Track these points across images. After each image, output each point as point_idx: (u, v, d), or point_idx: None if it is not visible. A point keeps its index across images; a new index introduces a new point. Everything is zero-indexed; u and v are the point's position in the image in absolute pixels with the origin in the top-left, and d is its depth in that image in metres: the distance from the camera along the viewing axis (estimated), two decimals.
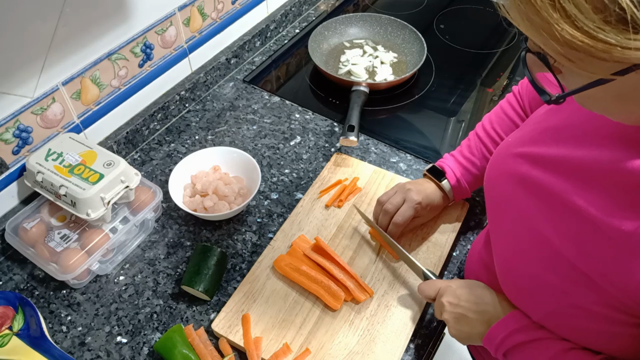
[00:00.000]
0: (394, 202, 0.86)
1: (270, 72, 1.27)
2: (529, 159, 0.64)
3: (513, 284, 0.66)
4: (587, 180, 0.56)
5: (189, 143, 1.10)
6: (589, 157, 0.57)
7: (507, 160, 0.68)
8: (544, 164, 0.62)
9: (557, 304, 0.59)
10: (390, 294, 0.84)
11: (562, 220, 0.58)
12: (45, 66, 0.85)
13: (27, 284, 0.87)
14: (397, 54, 1.29)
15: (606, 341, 0.58)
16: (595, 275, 0.54)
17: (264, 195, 1.00)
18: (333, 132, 1.12)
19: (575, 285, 0.56)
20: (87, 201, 0.82)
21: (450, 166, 0.89)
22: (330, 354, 0.77)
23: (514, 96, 0.88)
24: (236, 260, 0.90)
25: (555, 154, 0.61)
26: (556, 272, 0.58)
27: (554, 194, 0.60)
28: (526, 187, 0.64)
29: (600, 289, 0.54)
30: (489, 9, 1.45)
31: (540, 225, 0.60)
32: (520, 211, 0.64)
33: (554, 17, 0.41)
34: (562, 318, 0.60)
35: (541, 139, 0.65)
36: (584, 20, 0.40)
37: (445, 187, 0.89)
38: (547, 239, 0.59)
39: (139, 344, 0.80)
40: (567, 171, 0.59)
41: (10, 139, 0.85)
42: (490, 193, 0.72)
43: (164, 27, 1.04)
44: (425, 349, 0.80)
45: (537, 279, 0.61)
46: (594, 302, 0.55)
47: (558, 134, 0.63)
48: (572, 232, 0.57)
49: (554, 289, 0.59)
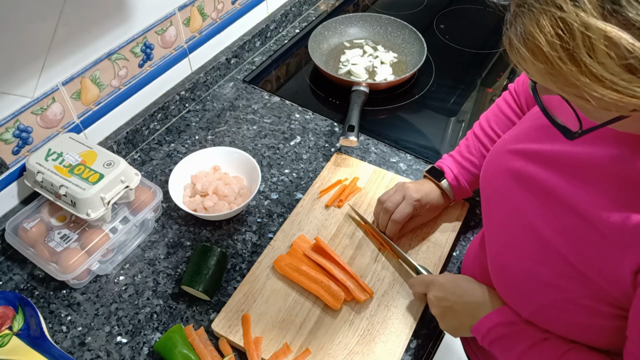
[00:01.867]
0: (394, 200, 0.87)
1: (270, 72, 1.27)
2: (524, 155, 0.65)
3: (505, 279, 0.67)
4: (581, 175, 0.57)
5: (189, 143, 1.10)
6: (584, 153, 0.58)
7: (502, 157, 0.69)
8: (539, 159, 0.63)
9: (548, 298, 0.60)
10: (390, 294, 0.84)
11: (554, 214, 0.59)
12: (45, 66, 0.85)
13: (27, 284, 0.87)
14: (397, 54, 1.29)
15: (591, 334, 0.60)
16: (586, 269, 0.55)
17: (264, 195, 1.00)
18: (333, 132, 1.12)
19: (566, 279, 0.57)
20: (87, 201, 0.82)
21: (449, 166, 0.89)
22: (330, 354, 0.77)
23: (510, 94, 0.88)
24: (236, 260, 0.90)
25: (549, 150, 0.62)
26: (548, 266, 0.59)
27: (547, 188, 0.61)
28: (520, 182, 0.64)
29: (590, 282, 0.55)
30: (489, 9, 1.45)
31: (533, 220, 0.61)
32: (513, 206, 0.65)
33: (581, 81, 0.41)
34: (552, 312, 0.61)
35: (537, 136, 0.65)
36: (614, 80, 0.40)
37: (444, 187, 0.89)
38: (539, 233, 0.60)
39: (139, 344, 0.80)
40: (561, 167, 0.60)
41: (10, 139, 0.85)
42: (486, 189, 0.73)
43: (164, 27, 1.04)
44: (425, 349, 0.80)
45: (528, 273, 0.62)
46: (584, 295, 0.56)
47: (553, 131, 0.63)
48: (564, 226, 0.58)
49: (545, 283, 0.60)
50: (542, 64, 0.43)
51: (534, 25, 0.42)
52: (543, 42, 0.42)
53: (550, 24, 0.41)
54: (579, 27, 0.39)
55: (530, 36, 0.42)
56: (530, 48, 0.43)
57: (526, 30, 0.43)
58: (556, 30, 0.41)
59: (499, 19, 1.41)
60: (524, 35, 0.43)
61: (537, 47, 0.42)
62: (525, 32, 0.43)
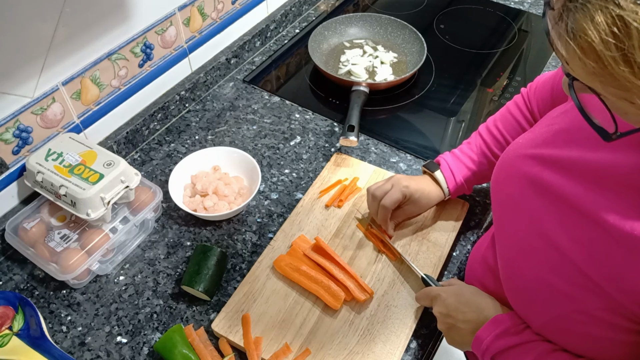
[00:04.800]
0: (383, 188, 0.87)
1: (270, 72, 1.27)
2: (541, 161, 0.63)
3: (517, 287, 0.65)
4: (600, 183, 0.56)
5: (189, 143, 1.10)
6: (604, 160, 0.56)
7: (516, 162, 0.67)
8: (555, 165, 0.61)
9: (561, 309, 0.58)
10: (390, 294, 0.84)
11: (570, 222, 0.57)
12: (45, 66, 0.85)
13: (27, 284, 0.87)
14: (397, 54, 1.29)
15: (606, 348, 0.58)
16: (602, 281, 0.53)
17: (264, 195, 1.00)
18: (333, 132, 1.12)
19: (580, 289, 0.56)
20: (87, 201, 0.82)
21: (446, 159, 0.89)
22: (330, 354, 0.77)
23: (521, 98, 0.87)
24: (236, 260, 0.90)
25: (567, 156, 0.60)
26: (562, 276, 0.57)
27: (563, 195, 0.59)
28: (536, 188, 0.63)
29: (605, 295, 0.53)
30: (489, 9, 1.45)
31: (548, 228, 0.60)
32: (527, 212, 0.63)
33: (632, 83, 0.40)
34: (564, 323, 0.59)
35: (553, 141, 0.63)
36: None
37: (438, 178, 0.88)
38: (554, 242, 0.58)
39: (139, 344, 0.80)
40: (579, 174, 0.58)
41: (10, 139, 0.85)
42: (498, 194, 0.71)
43: (164, 27, 1.04)
44: (425, 349, 0.80)
45: (541, 282, 0.60)
46: (599, 307, 0.55)
47: (571, 136, 0.62)
48: (579, 234, 0.56)
49: (558, 292, 0.58)
50: (592, 62, 0.41)
51: (588, 21, 0.40)
52: (596, 40, 0.40)
53: (605, 21, 0.39)
54: (637, 27, 0.38)
55: (583, 33, 0.40)
56: (581, 45, 0.41)
57: (578, 27, 0.41)
58: (612, 28, 0.39)
59: (499, 19, 1.42)
60: (575, 31, 0.41)
61: (588, 44, 0.40)
62: (577, 28, 0.41)
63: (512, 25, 1.39)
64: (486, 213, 0.97)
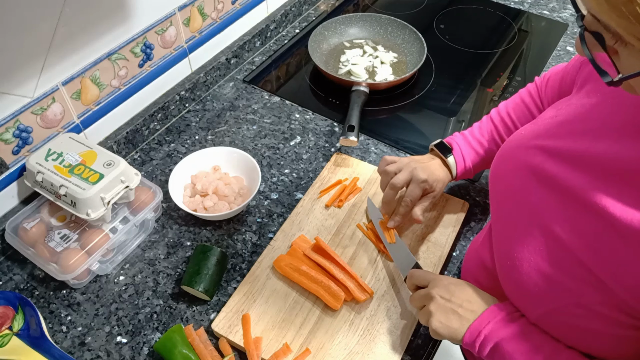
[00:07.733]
0: (402, 178, 0.85)
1: (270, 72, 1.27)
2: (544, 151, 0.62)
3: (514, 279, 0.64)
4: (606, 175, 0.55)
5: (189, 143, 1.10)
6: (609, 152, 0.55)
7: (519, 152, 0.66)
8: (559, 156, 0.60)
9: (559, 301, 0.58)
10: (390, 294, 0.84)
11: (573, 215, 0.56)
12: (45, 66, 0.85)
13: (27, 284, 0.87)
14: (397, 54, 1.29)
15: (603, 343, 0.57)
16: (603, 275, 0.53)
17: (264, 195, 1.00)
18: (333, 132, 1.12)
19: (580, 283, 0.55)
20: (87, 201, 0.82)
21: (459, 143, 0.89)
22: (330, 354, 0.77)
23: (535, 86, 0.87)
24: (236, 260, 0.90)
25: (571, 147, 0.59)
26: (562, 269, 0.57)
27: (567, 187, 0.58)
28: (539, 179, 0.62)
29: (606, 289, 0.53)
30: (489, 9, 1.45)
31: (549, 219, 0.59)
32: (528, 203, 0.63)
33: None
34: (562, 317, 0.59)
35: (558, 132, 0.63)
36: None
37: (450, 163, 0.88)
38: (554, 233, 0.58)
39: (139, 344, 0.80)
40: (584, 165, 0.57)
41: (10, 139, 0.85)
42: (497, 185, 0.70)
43: (164, 27, 1.04)
44: (425, 349, 0.80)
45: (540, 275, 0.59)
46: (597, 301, 0.54)
47: (576, 128, 0.61)
48: (583, 227, 0.55)
49: (557, 285, 0.57)
50: None
51: None
52: None
53: None
54: None
55: None
56: None
57: None
58: None
59: (499, 19, 1.42)
60: None
61: None
62: None
63: (512, 25, 1.39)
64: (486, 213, 0.97)
